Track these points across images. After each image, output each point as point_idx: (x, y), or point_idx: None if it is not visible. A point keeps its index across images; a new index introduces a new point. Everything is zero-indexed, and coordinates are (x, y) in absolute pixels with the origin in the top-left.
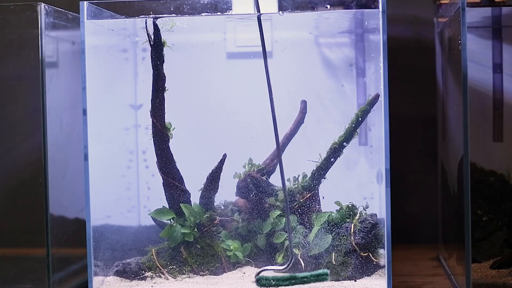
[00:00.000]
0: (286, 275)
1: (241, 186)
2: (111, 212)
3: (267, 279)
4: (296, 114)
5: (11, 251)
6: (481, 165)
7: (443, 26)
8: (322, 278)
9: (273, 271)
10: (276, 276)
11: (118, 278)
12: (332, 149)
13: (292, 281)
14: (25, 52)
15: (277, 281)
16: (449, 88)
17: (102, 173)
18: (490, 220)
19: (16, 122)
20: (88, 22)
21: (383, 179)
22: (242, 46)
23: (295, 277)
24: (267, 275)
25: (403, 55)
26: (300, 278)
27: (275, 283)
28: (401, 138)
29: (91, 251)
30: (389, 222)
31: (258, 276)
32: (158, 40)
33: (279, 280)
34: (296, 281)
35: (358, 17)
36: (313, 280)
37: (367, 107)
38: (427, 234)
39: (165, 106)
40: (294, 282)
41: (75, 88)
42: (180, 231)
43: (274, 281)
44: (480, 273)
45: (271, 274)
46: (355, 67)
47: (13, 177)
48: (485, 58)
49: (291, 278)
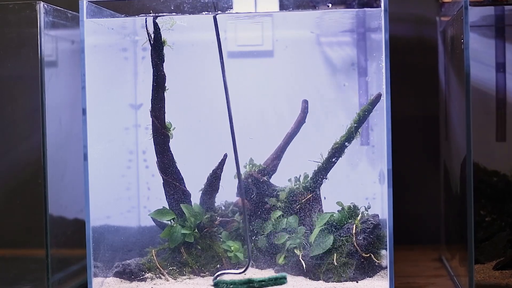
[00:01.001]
0: (243, 278)
1: (242, 186)
2: (111, 213)
3: (225, 283)
4: (297, 114)
5: (10, 251)
6: (484, 165)
7: (446, 25)
8: (280, 282)
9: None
10: (234, 279)
11: (118, 279)
12: (333, 149)
13: (249, 285)
14: (24, 51)
15: (235, 285)
16: (452, 88)
17: (102, 173)
18: (493, 220)
19: (15, 122)
20: (88, 21)
21: (385, 179)
22: (243, 45)
23: (253, 281)
24: (225, 279)
25: (405, 54)
26: (258, 282)
27: (233, 287)
28: (403, 138)
29: (91, 251)
30: (391, 222)
31: (215, 280)
32: (158, 39)
33: (236, 284)
34: (253, 284)
35: (360, 16)
36: (271, 283)
37: (369, 107)
38: (430, 234)
39: (165, 106)
40: (251, 286)
41: (75, 88)
42: (181, 231)
43: (232, 285)
44: (483, 274)
45: (229, 278)
46: (357, 67)
47: (12, 177)
48: (488, 57)
49: (249, 282)
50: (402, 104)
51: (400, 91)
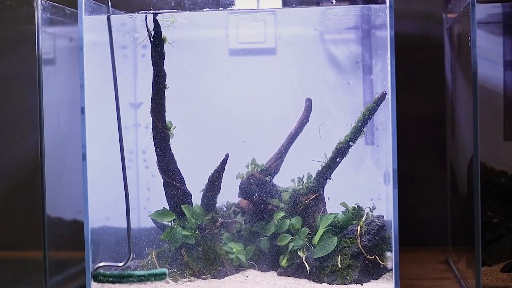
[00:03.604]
0: (124, 272)
1: (244, 187)
2: (110, 214)
3: (105, 275)
4: (300, 113)
5: (7, 253)
6: (491, 165)
7: (452, 22)
8: (160, 278)
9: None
10: (114, 272)
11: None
12: (337, 148)
13: (129, 279)
14: (22, 48)
15: (114, 278)
16: (459, 86)
17: (101, 173)
18: (501, 222)
19: (12, 121)
20: (86, 18)
21: (390, 179)
22: (245, 43)
23: (132, 275)
24: (105, 272)
25: (411, 52)
26: (138, 276)
27: (112, 280)
28: (409, 138)
29: (89, 253)
30: (396, 224)
31: (95, 272)
32: (159, 36)
33: (116, 277)
34: (133, 279)
35: (364, 12)
36: (151, 278)
37: (374, 106)
38: (436, 236)
39: (165, 105)
40: (131, 280)
41: (73, 86)
42: (181, 233)
43: (112, 278)
44: (490, 277)
45: (109, 271)
46: (362, 64)
47: (9, 178)
48: (496, 55)
49: (129, 276)
50: (407, 102)
51: (405, 90)
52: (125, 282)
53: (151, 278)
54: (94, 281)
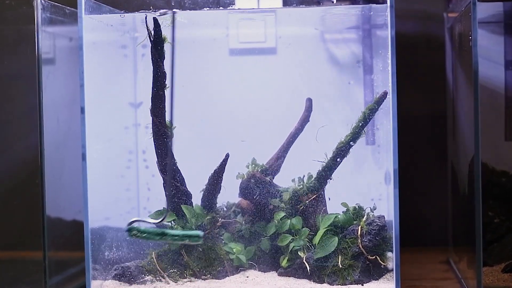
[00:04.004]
0: (159, 229)
1: (244, 187)
2: (110, 214)
3: (139, 230)
4: (301, 113)
5: (7, 254)
6: (492, 165)
7: (454, 21)
8: (194, 239)
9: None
10: (149, 229)
11: (117, 282)
12: (338, 148)
13: (162, 237)
14: (21, 48)
15: (148, 234)
16: (460, 86)
17: (101, 173)
18: (502, 222)
19: (12, 120)
20: (86, 17)
21: (391, 179)
22: (245, 42)
23: (166, 234)
24: (139, 227)
25: (412, 52)
26: (171, 236)
27: (146, 236)
28: (410, 138)
29: (89, 254)
30: (397, 224)
31: (129, 226)
32: (159, 36)
33: (150, 234)
34: (166, 237)
35: (365, 12)
36: (185, 239)
37: (375, 105)
38: (437, 236)
39: (165, 104)
40: (164, 238)
41: (73, 86)
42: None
43: (146, 234)
44: (491, 277)
45: (143, 226)
46: (362, 64)
47: (9, 178)
48: (497, 55)
49: (163, 234)
50: (408, 102)
51: (406, 89)
52: (159, 239)
53: (185, 239)
54: (128, 235)
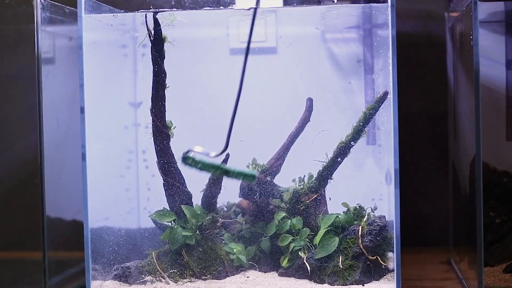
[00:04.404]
0: (215, 163)
1: (245, 187)
2: (110, 214)
3: (194, 160)
4: (301, 112)
5: (7, 254)
6: (494, 165)
7: (455, 20)
8: (248, 179)
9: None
10: (205, 160)
11: (117, 282)
12: (339, 148)
13: (217, 170)
14: (21, 48)
15: (203, 165)
16: (461, 85)
17: (101, 173)
18: (503, 222)
19: (11, 120)
20: (86, 17)
21: (392, 179)
22: (245, 42)
23: (221, 168)
24: (196, 157)
25: (413, 51)
26: (225, 171)
27: (200, 166)
28: (411, 137)
29: (89, 254)
30: (398, 224)
31: (186, 154)
32: (159, 35)
33: (206, 165)
34: (221, 171)
35: (366, 11)
36: (239, 177)
37: (376, 105)
38: (438, 236)
39: (165, 104)
40: (219, 172)
41: (73, 85)
42: (181, 233)
43: (201, 164)
44: (492, 277)
45: (199, 157)
46: (363, 64)
47: (9, 178)
48: (498, 54)
49: (218, 168)
50: (409, 102)
51: (407, 89)
52: (213, 172)
53: (239, 176)
54: (182, 162)
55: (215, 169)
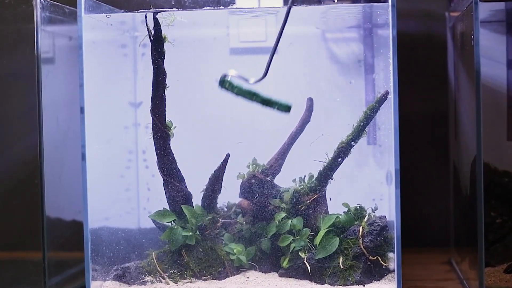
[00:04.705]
0: (251, 89)
1: (245, 187)
2: (110, 214)
3: (231, 84)
4: (302, 112)
5: (6, 254)
6: (494, 165)
7: (455, 20)
8: (282, 108)
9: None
10: (242, 86)
11: (117, 283)
12: (339, 148)
13: (253, 97)
14: (21, 47)
15: (239, 90)
16: (462, 85)
17: (100, 173)
18: (504, 222)
19: (11, 120)
20: (86, 16)
21: (392, 179)
22: (246, 42)
23: (258, 95)
24: (233, 81)
25: (414, 51)
26: (262, 98)
27: (236, 91)
28: (412, 137)
29: (89, 254)
30: (399, 224)
31: (224, 77)
32: (159, 35)
33: (242, 91)
34: (257, 99)
35: (366, 11)
36: (274, 106)
37: (376, 105)
38: (439, 237)
39: (165, 104)
40: (254, 99)
41: (72, 85)
42: (181, 234)
43: (237, 89)
44: (493, 278)
45: (237, 82)
46: (364, 63)
47: (8, 178)
48: (499, 54)
49: (254, 95)
50: (410, 102)
51: (408, 89)
52: (248, 97)
53: (274, 106)
54: (219, 85)
55: (251, 95)
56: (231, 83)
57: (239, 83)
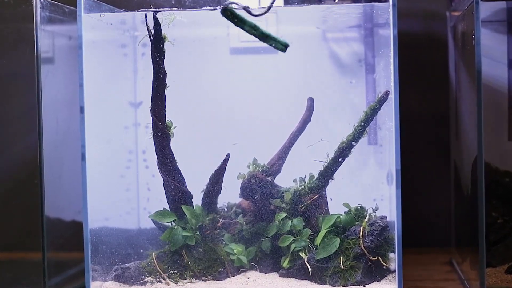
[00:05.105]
0: (252, 22)
1: (245, 187)
2: (110, 214)
3: (233, 13)
4: (302, 112)
5: (6, 255)
6: (496, 165)
7: (456, 20)
8: (279, 46)
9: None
10: (243, 16)
11: (117, 283)
12: (340, 148)
13: (253, 30)
14: (20, 47)
15: (240, 21)
16: (463, 85)
17: (100, 173)
18: (505, 222)
19: (11, 120)
20: (86, 16)
21: (393, 180)
22: (246, 41)
23: (257, 29)
24: (235, 11)
25: (414, 51)
26: (261, 33)
27: (237, 21)
28: (412, 137)
29: (89, 255)
30: (399, 224)
31: (227, 6)
32: (159, 34)
33: (243, 21)
34: (256, 32)
35: (367, 10)
36: (271, 42)
37: (377, 105)
38: (440, 237)
39: (165, 104)
40: (254, 33)
41: (72, 85)
42: (182, 234)
43: (237, 19)
44: (495, 278)
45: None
46: (364, 63)
47: (8, 178)
48: (500, 54)
49: (254, 28)
50: (411, 102)
51: (408, 89)
52: (247, 30)
53: (271, 41)
54: (221, 12)
55: (250, 28)
56: (233, 12)
57: (241, 15)
